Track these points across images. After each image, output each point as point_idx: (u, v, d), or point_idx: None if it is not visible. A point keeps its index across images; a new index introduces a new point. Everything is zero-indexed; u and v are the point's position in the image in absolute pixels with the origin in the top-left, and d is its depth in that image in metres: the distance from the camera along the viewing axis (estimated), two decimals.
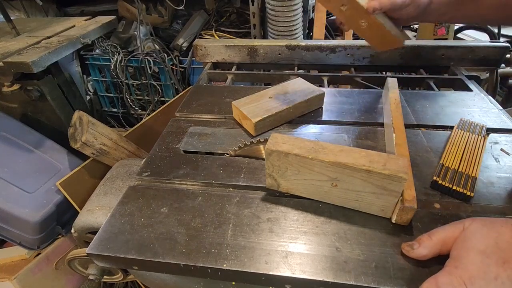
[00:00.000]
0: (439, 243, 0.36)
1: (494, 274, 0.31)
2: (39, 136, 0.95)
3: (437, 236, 0.36)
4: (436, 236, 0.36)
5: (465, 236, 0.34)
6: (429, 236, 0.37)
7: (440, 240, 0.36)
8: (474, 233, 0.34)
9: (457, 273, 0.32)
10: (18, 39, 1.02)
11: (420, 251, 0.36)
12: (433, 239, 0.36)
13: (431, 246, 0.36)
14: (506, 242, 0.32)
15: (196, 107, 0.69)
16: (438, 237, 0.36)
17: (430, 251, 0.36)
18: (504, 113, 0.62)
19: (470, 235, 0.34)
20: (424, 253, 0.36)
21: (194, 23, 1.45)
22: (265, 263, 0.38)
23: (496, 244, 0.32)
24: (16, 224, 0.80)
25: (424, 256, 0.36)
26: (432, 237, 0.36)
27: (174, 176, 0.51)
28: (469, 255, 0.33)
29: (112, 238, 0.42)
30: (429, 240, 0.36)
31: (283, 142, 0.42)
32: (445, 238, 0.36)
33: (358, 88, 0.79)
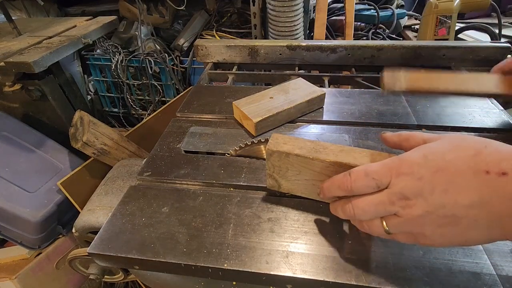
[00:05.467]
0: (403, 137, 0.36)
1: (420, 175, 0.30)
2: (40, 136, 0.95)
3: (407, 133, 0.36)
4: (406, 133, 0.36)
5: (428, 143, 0.33)
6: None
7: (404, 136, 0.36)
8: (436, 142, 0.32)
9: (389, 165, 0.32)
10: (20, 39, 1.02)
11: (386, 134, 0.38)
12: (401, 134, 0.37)
13: (394, 135, 0.37)
14: (455, 157, 0.29)
15: (197, 107, 0.69)
16: (406, 134, 0.36)
17: (391, 136, 0.37)
18: (505, 114, 0.62)
19: (432, 143, 0.33)
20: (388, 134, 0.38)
21: (195, 23, 1.45)
22: (266, 263, 0.38)
23: (443, 155, 0.30)
24: (17, 223, 0.80)
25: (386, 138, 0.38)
26: (402, 133, 0.37)
27: (175, 176, 0.51)
28: (412, 154, 0.32)
29: (113, 237, 0.42)
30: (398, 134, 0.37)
31: (284, 142, 0.42)
32: (411, 137, 0.35)
33: (359, 88, 0.79)
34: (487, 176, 0.27)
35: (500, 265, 0.37)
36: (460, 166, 0.29)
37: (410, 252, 0.38)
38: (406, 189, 0.30)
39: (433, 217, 0.29)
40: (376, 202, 0.32)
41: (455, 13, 1.09)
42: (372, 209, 0.32)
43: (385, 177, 0.31)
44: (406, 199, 0.30)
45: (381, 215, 0.32)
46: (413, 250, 0.39)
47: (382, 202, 0.32)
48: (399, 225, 0.31)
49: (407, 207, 0.30)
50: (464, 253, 0.38)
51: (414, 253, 0.38)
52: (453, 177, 0.29)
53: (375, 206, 0.32)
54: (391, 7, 1.40)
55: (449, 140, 0.32)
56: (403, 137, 0.36)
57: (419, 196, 0.30)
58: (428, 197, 0.29)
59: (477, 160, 0.28)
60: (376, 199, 0.32)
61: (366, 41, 0.91)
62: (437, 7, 1.09)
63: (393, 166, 0.32)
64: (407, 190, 0.30)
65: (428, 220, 0.30)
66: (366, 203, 0.33)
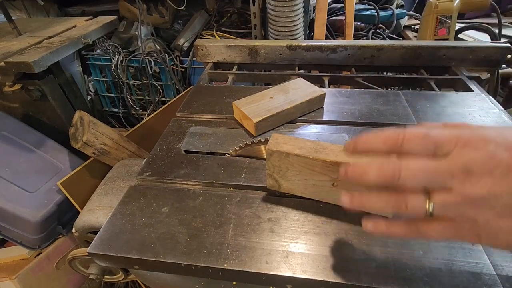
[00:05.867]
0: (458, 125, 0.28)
1: (494, 152, 0.24)
2: (40, 136, 0.95)
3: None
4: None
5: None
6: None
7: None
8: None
9: (457, 132, 0.26)
10: (20, 39, 1.02)
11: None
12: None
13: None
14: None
15: (197, 107, 0.69)
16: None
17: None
18: (505, 114, 0.62)
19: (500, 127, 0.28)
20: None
21: (195, 23, 1.45)
22: (266, 263, 0.38)
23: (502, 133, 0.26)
24: (17, 223, 0.80)
25: None
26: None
27: (175, 176, 0.51)
28: (484, 127, 0.27)
29: (113, 237, 0.42)
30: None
31: (284, 142, 0.42)
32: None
33: (359, 88, 0.79)
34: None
35: (500, 265, 0.37)
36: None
37: (410, 252, 0.38)
38: (473, 163, 0.24)
39: (497, 203, 0.24)
40: (431, 167, 0.26)
41: (455, 13, 1.09)
42: (424, 175, 0.26)
43: (449, 143, 0.26)
44: (469, 174, 0.25)
45: (431, 184, 0.26)
46: (413, 250, 0.39)
47: (439, 170, 0.25)
48: (450, 203, 0.25)
49: (469, 182, 0.24)
50: (464, 253, 0.38)
51: (414, 253, 0.38)
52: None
53: (429, 172, 0.26)
54: (391, 7, 1.40)
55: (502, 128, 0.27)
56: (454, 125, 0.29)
57: (488, 174, 0.24)
58: (499, 178, 0.24)
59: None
60: (431, 164, 0.26)
61: (366, 41, 0.91)
62: (437, 7, 1.09)
63: (462, 135, 0.26)
64: (474, 165, 0.24)
65: (489, 205, 0.24)
66: (419, 166, 0.26)
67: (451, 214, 0.26)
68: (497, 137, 0.25)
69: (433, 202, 0.26)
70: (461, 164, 0.25)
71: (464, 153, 0.25)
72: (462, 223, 0.26)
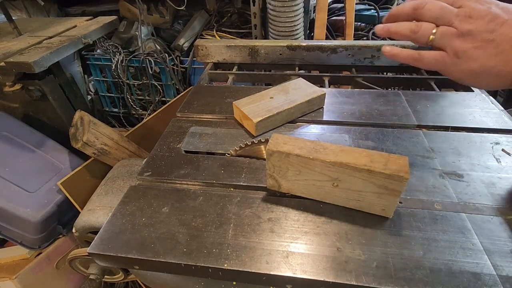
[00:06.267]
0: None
1: (491, 6, 0.36)
2: (41, 136, 0.95)
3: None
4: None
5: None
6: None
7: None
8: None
9: (466, 3, 0.37)
10: (20, 39, 1.02)
11: None
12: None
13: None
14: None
15: (197, 107, 0.69)
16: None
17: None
18: (505, 114, 0.62)
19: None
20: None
21: (195, 24, 1.45)
22: (266, 263, 0.38)
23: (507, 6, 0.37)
24: (17, 223, 0.80)
25: None
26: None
27: (175, 176, 0.51)
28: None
29: (113, 237, 0.42)
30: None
31: (284, 142, 0.42)
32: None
33: (359, 89, 0.79)
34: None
35: (500, 265, 0.37)
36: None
37: (410, 252, 0.38)
38: (476, 10, 0.36)
39: (478, 37, 0.35)
40: (445, 7, 0.37)
41: None
42: (440, 11, 0.37)
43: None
44: (469, 17, 0.36)
45: (441, 21, 0.37)
46: (413, 250, 0.39)
47: (449, 9, 0.37)
48: (446, 34, 0.37)
49: (465, 22, 0.36)
50: (464, 254, 0.38)
51: (415, 253, 0.38)
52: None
53: (444, 11, 0.37)
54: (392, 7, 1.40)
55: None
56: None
57: (480, 19, 0.35)
58: (487, 21, 0.35)
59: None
60: (446, 6, 0.37)
61: (366, 41, 0.91)
62: None
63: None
64: (474, 12, 0.36)
65: (472, 38, 0.36)
66: (441, 4, 0.38)
67: (445, 43, 0.38)
68: (499, 3, 0.37)
69: (437, 32, 0.38)
70: (467, 10, 0.36)
71: (472, 4, 0.37)
72: (448, 51, 0.37)
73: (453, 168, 0.50)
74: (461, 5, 0.37)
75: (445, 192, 0.46)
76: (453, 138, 0.57)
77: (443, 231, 0.41)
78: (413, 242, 0.40)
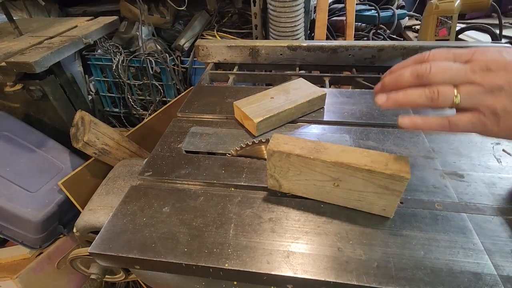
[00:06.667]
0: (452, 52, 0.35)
1: (506, 55, 0.31)
2: (41, 136, 0.95)
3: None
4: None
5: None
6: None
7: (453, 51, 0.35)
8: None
9: (473, 49, 0.33)
10: (21, 39, 1.03)
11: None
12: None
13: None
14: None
15: (198, 107, 0.69)
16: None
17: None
18: None
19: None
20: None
21: (195, 24, 1.45)
22: (267, 263, 0.38)
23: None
24: (18, 223, 0.80)
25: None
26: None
27: (176, 176, 0.51)
28: (487, 49, 0.33)
29: (114, 237, 0.42)
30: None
31: (285, 142, 0.42)
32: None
33: (359, 89, 0.79)
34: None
35: (501, 265, 0.37)
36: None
37: (411, 252, 0.38)
38: (491, 62, 0.31)
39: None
40: (457, 66, 0.32)
41: (456, 13, 1.08)
42: (451, 71, 0.32)
43: (467, 55, 0.32)
44: (489, 70, 0.31)
45: (457, 80, 0.32)
46: (414, 250, 0.39)
47: (463, 68, 0.32)
48: (473, 92, 0.31)
49: (488, 76, 0.30)
50: (465, 254, 0.38)
51: (415, 253, 0.38)
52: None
53: (455, 69, 0.32)
54: (392, 8, 1.40)
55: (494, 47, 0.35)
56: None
57: (503, 69, 0.30)
58: (510, 70, 0.30)
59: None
60: (457, 64, 0.32)
61: (366, 42, 0.91)
62: (438, 7, 1.09)
63: (478, 49, 0.32)
64: (492, 63, 0.31)
65: (506, 93, 0.30)
66: (446, 64, 0.32)
67: (474, 102, 0.31)
68: (500, 48, 0.33)
69: (460, 93, 0.31)
70: (480, 63, 0.31)
71: (483, 56, 0.32)
72: (484, 110, 0.31)
73: (453, 168, 0.50)
74: (469, 59, 0.32)
75: (446, 192, 0.46)
76: (454, 138, 0.57)
77: (444, 231, 0.41)
78: (414, 242, 0.40)
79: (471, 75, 0.31)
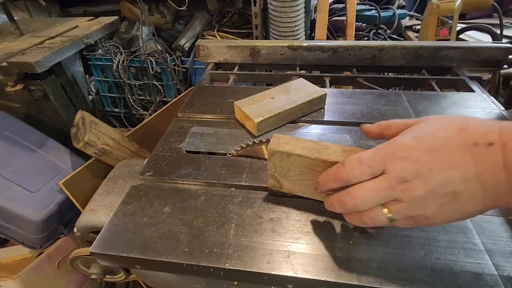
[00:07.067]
0: (383, 126, 0.37)
1: (416, 157, 0.30)
2: (42, 136, 0.96)
3: (387, 122, 0.37)
4: (385, 122, 0.37)
5: (415, 126, 0.33)
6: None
7: (384, 124, 0.37)
8: (422, 124, 0.33)
9: (383, 151, 0.32)
10: (22, 39, 1.03)
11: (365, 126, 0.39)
12: (381, 123, 0.38)
13: (374, 125, 0.38)
14: (446, 136, 0.30)
15: (198, 107, 0.69)
16: (386, 122, 0.37)
17: (371, 127, 0.38)
18: (507, 114, 0.62)
19: (418, 125, 0.33)
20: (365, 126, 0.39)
21: (196, 24, 1.45)
22: (268, 263, 0.38)
23: (434, 136, 0.31)
24: (19, 223, 0.80)
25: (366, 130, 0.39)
26: (381, 123, 0.37)
27: (176, 176, 0.52)
28: (404, 138, 0.32)
29: (115, 237, 0.42)
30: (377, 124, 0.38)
31: (286, 142, 0.42)
32: (392, 124, 0.36)
33: (360, 89, 0.79)
34: (476, 149, 0.29)
35: (501, 265, 0.37)
36: (451, 143, 0.30)
37: (411, 252, 0.38)
38: (404, 172, 0.30)
39: (434, 196, 0.30)
40: (376, 188, 0.31)
41: (457, 13, 1.08)
42: (373, 197, 0.32)
43: (380, 163, 0.32)
44: (406, 182, 0.30)
45: (382, 201, 0.32)
46: (415, 250, 0.39)
47: (382, 188, 0.31)
48: (402, 209, 0.31)
49: (408, 189, 0.30)
50: (465, 254, 0.38)
51: (416, 253, 0.38)
52: (447, 155, 0.29)
53: (376, 193, 0.31)
54: (392, 8, 1.40)
55: (434, 120, 0.33)
56: (383, 126, 0.37)
57: (418, 177, 0.30)
58: (427, 177, 0.30)
59: (465, 135, 0.30)
60: (375, 185, 0.31)
61: (367, 42, 0.91)
62: (439, 7, 1.09)
63: (387, 151, 0.32)
64: (406, 173, 0.30)
65: (430, 200, 0.30)
66: (366, 191, 0.32)
67: (407, 214, 0.32)
68: (412, 140, 0.31)
69: (390, 212, 0.32)
70: (396, 177, 0.31)
71: (395, 166, 0.31)
72: (415, 217, 0.32)
73: None
74: (384, 169, 0.31)
75: None
76: None
77: (444, 231, 0.41)
78: (415, 242, 0.40)
79: (392, 193, 0.31)
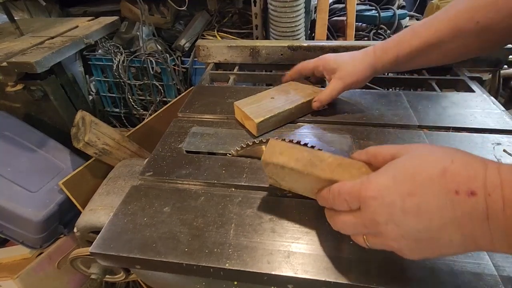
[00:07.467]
0: (371, 154, 0.36)
1: (390, 200, 0.29)
2: (42, 136, 0.96)
3: (374, 149, 0.36)
4: (373, 149, 0.36)
5: (396, 160, 0.32)
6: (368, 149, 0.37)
7: (372, 153, 0.36)
8: (404, 159, 0.32)
9: (359, 187, 0.32)
10: (22, 39, 1.03)
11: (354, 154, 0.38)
12: (369, 150, 0.37)
13: (362, 152, 0.37)
14: (424, 178, 0.29)
15: (198, 108, 0.69)
16: (374, 150, 0.36)
17: (359, 155, 0.37)
18: (507, 114, 0.62)
19: (400, 160, 0.32)
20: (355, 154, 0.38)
21: (196, 24, 1.45)
22: (267, 263, 0.38)
23: (413, 177, 0.29)
24: (19, 223, 0.80)
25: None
26: (369, 150, 0.37)
27: (176, 176, 0.52)
28: (380, 175, 0.31)
29: (115, 237, 0.42)
30: (365, 151, 0.37)
31: (280, 152, 0.40)
32: (378, 154, 0.35)
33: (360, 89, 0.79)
34: (457, 197, 0.27)
35: (501, 266, 0.37)
36: (430, 189, 0.28)
37: None
38: (376, 214, 0.30)
39: (409, 240, 0.30)
40: (352, 223, 0.33)
41: None
42: (350, 228, 0.34)
43: (355, 199, 0.32)
44: (378, 224, 0.30)
45: (359, 233, 0.34)
46: None
47: (357, 224, 0.33)
48: (378, 243, 0.32)
49: (381, 232, 0.31)
50: (465, 254, 0.38)
51: None
52: (424, 201, 0.28)
53: (352, 226, 0.34)
54: (393, 8, 1.40)
55: (417, 155, 0.31)
56: (370, 154, 0.36)
57: (390, 222, 0.29)
58: (401, 223, 0.29)
59: (446, 180, 0.28)
60: (351, 220, 0.33)
61: (367, 42, 0.91)
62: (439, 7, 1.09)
63: (362, 188, 0.31)
64: (377, 216, 0.30)
65: (404, 243, 0.30)
66: (343, 221, 0.34)
67: (383, 247, 0.33)
68: (388, 180, 0.30)
69: (367, 240, 0.33)
70: (369, 218, 0.31)
71: (368, 206, 0.31)
72: (396, 251, 0.32)
73: None
74: (360, 204, 0.32)
75: None
76: (454, 139, 0.57)
77: None
78: None
79: (365, 230, 0.32)
